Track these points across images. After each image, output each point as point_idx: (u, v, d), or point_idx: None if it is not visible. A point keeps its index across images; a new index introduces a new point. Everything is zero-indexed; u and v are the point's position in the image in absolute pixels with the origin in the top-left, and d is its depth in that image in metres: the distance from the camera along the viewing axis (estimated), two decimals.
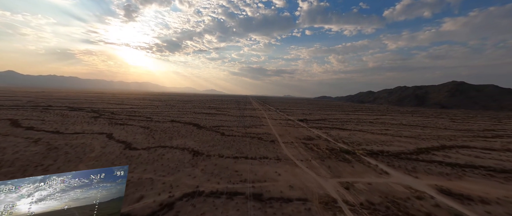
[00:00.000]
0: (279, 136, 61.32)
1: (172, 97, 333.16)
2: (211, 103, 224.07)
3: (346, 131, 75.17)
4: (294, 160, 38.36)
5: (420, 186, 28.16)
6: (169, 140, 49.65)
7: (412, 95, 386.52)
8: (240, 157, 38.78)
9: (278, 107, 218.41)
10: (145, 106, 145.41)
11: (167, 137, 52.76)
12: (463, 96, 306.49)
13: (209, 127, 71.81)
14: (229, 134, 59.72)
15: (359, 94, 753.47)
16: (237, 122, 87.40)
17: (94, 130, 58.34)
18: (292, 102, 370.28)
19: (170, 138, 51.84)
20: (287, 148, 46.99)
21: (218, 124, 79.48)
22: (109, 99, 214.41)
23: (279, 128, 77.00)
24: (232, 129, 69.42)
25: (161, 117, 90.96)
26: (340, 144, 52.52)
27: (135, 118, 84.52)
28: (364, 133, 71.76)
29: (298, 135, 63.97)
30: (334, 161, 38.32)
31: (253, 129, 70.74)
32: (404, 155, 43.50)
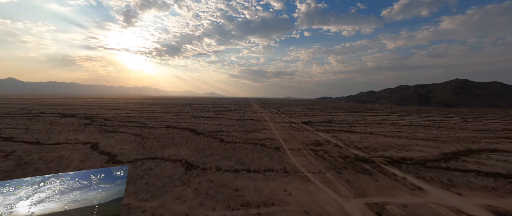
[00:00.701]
0: (284, 141, 55.56)
1: (171, 101, 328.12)
2: (210, 107, 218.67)
3: (356, 134, 69.29)
4: (304, 172, 32.58)
5: (470, 207, 22.32)
6: (160, 150, 43.95)
7: (414, 94, 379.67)
8: (241, 169, 33.04)
9: (279, 109, 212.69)
10: (142, 111, 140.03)
11: (159, 146, 47.06)
12: (467, 94, 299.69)
13: (207, 133, 66.11)
14: (228, 141, 54.01)
15: (360, 94, 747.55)
16: (237, 126, 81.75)
17: (79, 139, 52.75)
18: (293, 104, 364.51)
19: (162, 148, 46.14)
20: (294, 157, 41.21)
21: (217, 129, 73.79)
22: (106, 104, 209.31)
23: (282, 132, 71.22)
24: (232, 134, 63.71)
25: (157, 123, 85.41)
26: (353, 150, 46.69)
27: (129, 124, 78.97)
28: (376, 136, 65.88)
29: (305, 140, 58.17)
30: (352, 173, 32.50)
31: (255, 134, 65.01)
32: (431, 163, 37.62)
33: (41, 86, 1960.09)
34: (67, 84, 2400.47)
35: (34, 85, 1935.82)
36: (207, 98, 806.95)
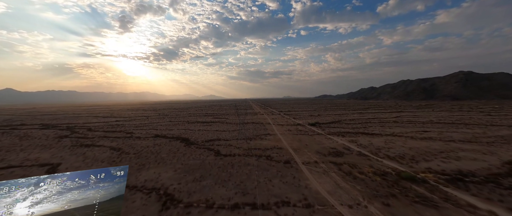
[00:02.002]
0: (294, 151, 45.20)
1: (169, 106, 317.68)
2: (208, 110, 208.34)
3: (376, 137, 58.94)
4: (336, 205, 22.22)
5: None
6: (136, 172, 33.55)
7: (418, 88, 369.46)
8: (243, 203, 22.72)
9: (281, 109, 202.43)
10: (134, 118, 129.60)
11: (136, 166, 36.65)
12: (474, 86, 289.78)
13: (201, 142, 55.75)
14: (226, 153, 43.63)
15: (361, 91, 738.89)
16: (237, 132, 71.41)
17: (40, 159, 42.30)
18: (294, 103, 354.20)
19: (140, 168, 35.75)
20: (313, 175, 30.86)
21: (213, 136, 63.44)
22: (99, 112, 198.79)
23: (290, 137, 60.89)
24: (231, 143, 53.36)
25: (145, 132, 75.03)
26: (387, 162, 36.31)
27: (111, 135, 68.56)
28: (402, 138, 55.53)
29: (319, 147, 47.81)
30: (406, 204, 22.12)
31: (258, 142, 54.70)
32: (504, 179, 27.30)
33: (39, 95, 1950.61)
34: (65, 93, 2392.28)
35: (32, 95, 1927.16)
36: (206, 100, 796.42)
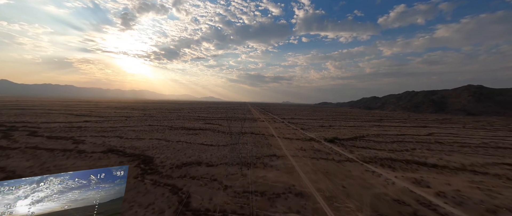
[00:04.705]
0: (328, 203, 24.20)
1: (162, 105, 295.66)
2: (202, 112, 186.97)
3: (445, 171, 37.97)
4: None
5: None
6: None
7: (427, 100, 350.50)
8: None
9: (283, 116, 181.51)
10: (110, 119, 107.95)
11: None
12: (490, 101, 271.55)
13: (168, 169, 34.49)
14: (199, 206, 22.55)
15: (363, 100, 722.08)
16: (229, 147, 50.23)
17: None
18: (296, 110, 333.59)
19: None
20: None
21: (193, 156, 42.24)
22: (80, 108, 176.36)
23: (308, 165, 39.80)
24: (215, 175, 32.13)
25: (102, 141, 53.72)
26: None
27: (45, 146, 47.13)
28: (496, 178, 34.73)
29: (370, 197, 26.72)
30: None
31: (260, 173, 33.60)
32: None
33: (35, 88, 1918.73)
34: (62, 87, 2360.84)
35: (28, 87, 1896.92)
36: (204, 102, 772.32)
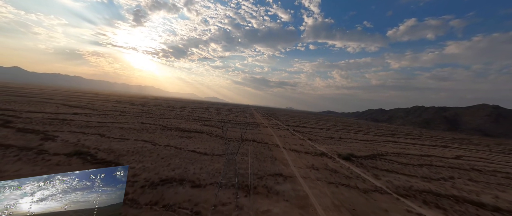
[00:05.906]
0: None
1: (161, 102, 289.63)
2: (202, 113, 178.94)
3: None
4: None
5: None
6: None
7: (438, 116, 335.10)
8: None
9: (287, 122, 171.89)
10: (103, 112, 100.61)
11: None
12: (508, 122, 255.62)
13: (140, 188, 25.62)
14: None
15: (369, 111, 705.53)
16: (225, 159, 41.18)
17: None
18: (301, 116, 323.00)
19: None
20: None
21: (178, 169, 33.37)
22: (80, 99, 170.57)
23: (326, 192, 30.40)
24: (204, 197, 23.06)
25: (77, 139, 45.49)
26: None
27: (12, 138, 39.10)
28: None
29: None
30: None
31: (262, 202, 24.33)
32: None
33: (45, 77, 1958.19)
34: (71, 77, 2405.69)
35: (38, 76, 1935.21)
36: (207, 102, 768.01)
